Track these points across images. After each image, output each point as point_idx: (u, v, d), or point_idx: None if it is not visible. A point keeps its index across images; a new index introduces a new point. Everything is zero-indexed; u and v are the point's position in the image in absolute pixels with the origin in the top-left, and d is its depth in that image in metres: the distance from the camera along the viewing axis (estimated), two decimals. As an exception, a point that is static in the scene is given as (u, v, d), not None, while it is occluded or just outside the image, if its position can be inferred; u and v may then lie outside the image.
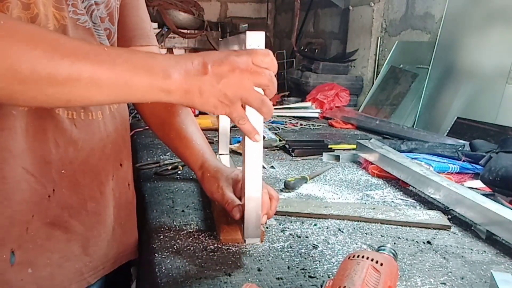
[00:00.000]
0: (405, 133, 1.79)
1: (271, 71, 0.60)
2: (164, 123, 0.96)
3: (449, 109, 1.97)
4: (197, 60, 0.59)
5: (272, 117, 2.11)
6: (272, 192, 0.81)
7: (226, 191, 0.81)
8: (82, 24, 0.73)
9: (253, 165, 0.67)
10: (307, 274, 0.69)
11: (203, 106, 0.59)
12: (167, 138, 0.97)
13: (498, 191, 1.10)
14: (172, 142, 0.96)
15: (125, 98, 0.64)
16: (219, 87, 0.58)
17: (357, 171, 1.29)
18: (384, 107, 2.33)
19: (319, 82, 2.53)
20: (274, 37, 4.44)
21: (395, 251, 0.63)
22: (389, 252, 0.62)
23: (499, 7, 1.87)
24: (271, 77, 0.60)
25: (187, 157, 0.94)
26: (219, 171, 0.86)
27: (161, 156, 1.34)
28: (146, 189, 1.06)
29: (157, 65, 0.58)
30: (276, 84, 0.62)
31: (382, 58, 2.56)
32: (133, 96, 0.58)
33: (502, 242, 0.85)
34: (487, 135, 1.73)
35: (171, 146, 0.98)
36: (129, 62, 0.57)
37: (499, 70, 1.80)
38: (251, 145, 0.66)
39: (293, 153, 1.44)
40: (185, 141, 0.93)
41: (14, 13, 0.61)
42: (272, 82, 0.61)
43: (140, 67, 0.57)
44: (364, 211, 0.94)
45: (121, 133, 0.83)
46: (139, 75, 0.57)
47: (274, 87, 0.61)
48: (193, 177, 1.15)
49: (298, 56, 3.27)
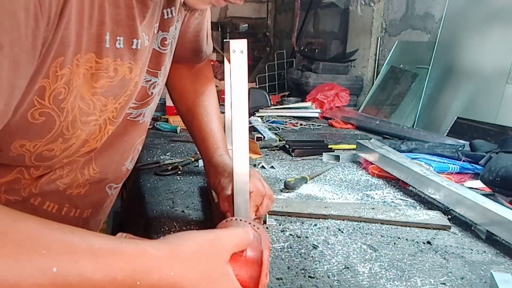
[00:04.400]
0: (405, 133, 1.79)
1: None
2: (189, 110, 0.98)
3: (449, 109, 1.97)
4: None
5: (272, 117, 2.12)
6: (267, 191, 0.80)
7: (225, 188, 0.81)
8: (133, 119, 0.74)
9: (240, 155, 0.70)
10: (307, 275, 0.69)
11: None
12: (189, 125, 0.99)
13: (498, 191, 1.10)
14: (192, 130, 0.99)
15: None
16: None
17: (357, 171, 1.29)
18: (384, 107, 2.33)
19: (319, 82, 2.53)
20: (274, 37, 4.44)
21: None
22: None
23: (499, 7, 1.87)
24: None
25: (201, 149, 0.96)
26: (224, 167, 0.86)
27: (161, 156, 1.35)
28: (146, 189, 1.06)
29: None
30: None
31: (382, 58, 2.56)
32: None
33: (502, 242, 0.85)
34: (487, 135, 1.73)
35: (191, 133, 1.00)
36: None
37: (499, 70, 1.80)
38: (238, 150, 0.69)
39: (293, 153, 1.44)
40: (203, 133, 0.96)
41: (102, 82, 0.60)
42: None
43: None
44: (364, 211, 0.94)
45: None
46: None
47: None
48: (193, 178, 1.15)
49: (298, 56, 3.27)
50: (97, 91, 0.60)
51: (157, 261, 0.46)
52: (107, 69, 0.60)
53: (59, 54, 0.52)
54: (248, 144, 0.69)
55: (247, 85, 0.67)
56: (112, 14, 0.57)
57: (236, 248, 0.52)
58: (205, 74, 1.02)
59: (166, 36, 0.74)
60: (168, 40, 0.75)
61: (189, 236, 0.51)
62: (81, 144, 0.63)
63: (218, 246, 0.51)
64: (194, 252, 0.49)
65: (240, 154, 0.69)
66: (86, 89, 0.58)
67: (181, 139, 1.58)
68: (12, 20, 0.41)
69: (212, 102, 0.99)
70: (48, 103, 0.54)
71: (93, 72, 0.58)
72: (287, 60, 3.36)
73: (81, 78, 0.56)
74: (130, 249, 0.45)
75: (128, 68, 0.63)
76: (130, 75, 0.64)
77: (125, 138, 0.74)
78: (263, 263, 0.53)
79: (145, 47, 0.66)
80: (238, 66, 0.66)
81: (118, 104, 0.66)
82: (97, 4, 0.54)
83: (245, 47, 0.66)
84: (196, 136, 0.98)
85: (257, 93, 2.37)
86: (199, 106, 0.97)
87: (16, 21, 0.42)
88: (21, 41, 0.43)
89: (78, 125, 0.60)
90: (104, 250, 0.44)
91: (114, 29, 0.58)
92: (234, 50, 0.66)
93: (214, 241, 0.51)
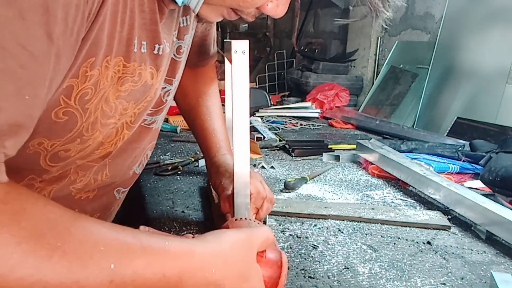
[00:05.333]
0: (405, 133, 1.79)
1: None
2: (191, 110, 0.99)
3: (449, 109, 1.98)
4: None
5: (272, 117, 2.12)
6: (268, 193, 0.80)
7: (226, 189, 0.81)
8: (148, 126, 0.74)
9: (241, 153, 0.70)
10: (307, 275, 0.69)
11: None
12: (192, 124, 0.99)
13: (498, 191, 1.10)
14: (195, 130, 0.99)
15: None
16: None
17: (357, 171, 1.29)
18: (384, 107, 2.33)
19: (319, 82, 2.53)
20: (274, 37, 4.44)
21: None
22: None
23: (499, 7, 1.87)
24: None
25: (204, 148, 0.96)
26: (225, 167, 0.86)
27: (161, 156, 1.35)
28: (146, 189, 1.06)
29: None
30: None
31: (382, 58, 2.56)
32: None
33: (502, 243, 0.85)
34: (487, 135, 1.73)
35: (194, 132, 1.01)
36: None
37: (499, 70, 1.80)
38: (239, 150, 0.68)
39: (293, 153, 1.44)
40: (206, 133, 0.96)
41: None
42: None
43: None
44: (364, 212, 0.94)
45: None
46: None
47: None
48: (193, 178, 1.15)
49: (298, 56, 3.27)
50: (121, 95, 0.60)
51: (202, 259, 0.47)
52: (133, 73, 0.60)
53: (91, 54, 0.51)
54: (249, 145, 0.69)
55: (248, 86, 0.66)
56: (138, 19, 0.57)
57: (261, 248, 0.54)
58: (209, 74, 1.02)
59: (182, 44, 0.74)
60: (184, 48, 0.75)
61: (226, 235, 0.52)
62: (96, 147, 0.63)
63: (250, 245, 0.52)
64: (232, 251, 0.50)
65: (241, 155, 0.69)
66: (112, 92, 0.58)
67: (181, 139, 1.58)
68: (64, 13, 0.41)
69: (215, 102, 1.00)
70: (74, 102, 0.54)
71: (120, 76, 0.58)
72: (287, 60, 3.36)
73: (109, 80, 0.57)
74: (176, 248, 0.46)
75: (149, 73, 0.64)
76: (151, 81, 0.65)
77: (138, 144, 0.75)
78: (282, 264, 0.54)
79: (166, 54, 0.66)
80: (240, 67, 0.65)
81: (137, 109, 0.66)
82: (129, 8, 0.54)
83: (247, 47, 0.66)
84: (198, 136, 0.98)
85: (257, 93, 2.37)
86: (202, 106, 0.98)
87: (66, 14, 0.42)
88: (66, 35, 0.43)
89: (97, 127, 0.60)
90: (154, 248, 0.45)
91: (140, 34, 0.58)
92: (236, 51, 0.66)
93: (247, 240, 0.53)
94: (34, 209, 0.39)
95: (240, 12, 0.60)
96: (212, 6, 0.60)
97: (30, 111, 0.42)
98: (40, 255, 0.37)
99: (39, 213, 0.39)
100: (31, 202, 0.40)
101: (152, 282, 0.43)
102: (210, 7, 0.60)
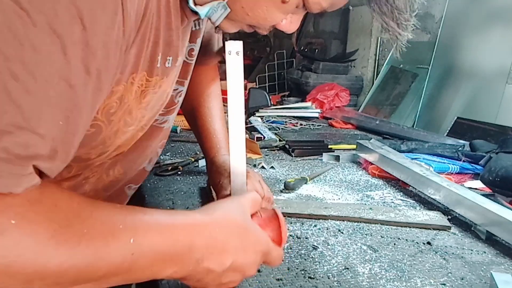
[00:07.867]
0: (405, 133, 1.80)
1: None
2: (193, 110, 1.00)
3: (449, 109, 1.98)
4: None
5: (272, 117, 2.12)
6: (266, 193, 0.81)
7: (224, 189, 0.82)
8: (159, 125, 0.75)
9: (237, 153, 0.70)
10: (307, 275, 0.69)
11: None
12: (193, 124, 1.01)
13: (498, 192, 1.10)
14: (196, 130, 1.00)
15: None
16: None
17: (357, 172, 1.29)
18: (384, 107, 2.33)
19: (319, 82, 2.53)
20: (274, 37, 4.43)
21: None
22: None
23: (499, 7, 1.87)
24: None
25: (204, 148, 0.98)
26: (225, 167, 0.88)
27: (161, 156, 1.34)
28: (146, 189, 1.06)
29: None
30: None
31: (382, 58, 2.56)
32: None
33: (502, 243, 0.85)
34: (487, 135, 1.73)
35: (195, 132, 1.02)
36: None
37: (499, 70, 1.80)
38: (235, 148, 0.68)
39: (293, 153, 1.44)
40: (206, 133, 0.97)
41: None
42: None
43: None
44: (364, 212, 0.94)
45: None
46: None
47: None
48: (193, 178, 1.15)
49: (298, 56, 3.27)
50: (143, 106, 0.62)
51: (205, 225, 0.52)
52: (154, 86, 0.62)
53: (117, 72, 0.53)
54: (245, 145, 0.69)
55: (243, 87, 0.66)
56: (165, 36, 0.59)
57: (253, 209, 0.59)
58: (211, 74, 1.03)
59: (194, 47, 0.75)
60: (195, 51, 0.76)
61: (219, 206, 0.56)
62: (114, 150, 0.65)
63: (243, 210, 0.56)
64: (228, 215, 0.55)
65: (237, 155, 0.69)
66: (135, 105, 0.60)
67: (181, 139, 1.58)
68: (106, 50, 0.43)
69: (217, 102, 1.01)
70: (100, 115, 0.56)
71: (143, 89, 0.60)
72: (287, 60, 3.36)
73: (133, 94, 0.58)
74: (183, 219, 0.51)
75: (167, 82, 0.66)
76: (168, 89, 0.67)
77: (150, 142, 0.76)
78: (278, 216, 0.59)
79: (181, 61, 0.68)
80: (234, 68, 0.65)
81: (152, 114, 0.68)
82: (154, 28, 0.56)
83: (241, 48, 0.65)
84: (199, 136, 0.99)
85: (257, 93, 2.37)
86: (203, 107, 0.99)
87: (107, 50, 0.44)
88: (108, 70, 0.45)
89: (119, 135, 0.62)
90: (164, 219, 0.50)
91: (166, 50, 0.60)
92: (230, 52, 0.65)
93: (238, 204, 0.57)
94: (62, 203, 0.43)
95: (256, 28, 0.63)
96: (232, 21, 0.62)
97: (68, 138, 0.44)
98: (70, 243, 0.41)
99: (65, 205, 0.43)
100: (60, 197, 0.44)
101: (167, 256, 0.48)
102: (230, 22, 0.62)
